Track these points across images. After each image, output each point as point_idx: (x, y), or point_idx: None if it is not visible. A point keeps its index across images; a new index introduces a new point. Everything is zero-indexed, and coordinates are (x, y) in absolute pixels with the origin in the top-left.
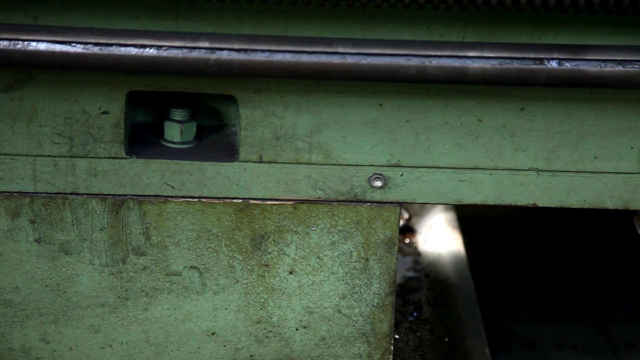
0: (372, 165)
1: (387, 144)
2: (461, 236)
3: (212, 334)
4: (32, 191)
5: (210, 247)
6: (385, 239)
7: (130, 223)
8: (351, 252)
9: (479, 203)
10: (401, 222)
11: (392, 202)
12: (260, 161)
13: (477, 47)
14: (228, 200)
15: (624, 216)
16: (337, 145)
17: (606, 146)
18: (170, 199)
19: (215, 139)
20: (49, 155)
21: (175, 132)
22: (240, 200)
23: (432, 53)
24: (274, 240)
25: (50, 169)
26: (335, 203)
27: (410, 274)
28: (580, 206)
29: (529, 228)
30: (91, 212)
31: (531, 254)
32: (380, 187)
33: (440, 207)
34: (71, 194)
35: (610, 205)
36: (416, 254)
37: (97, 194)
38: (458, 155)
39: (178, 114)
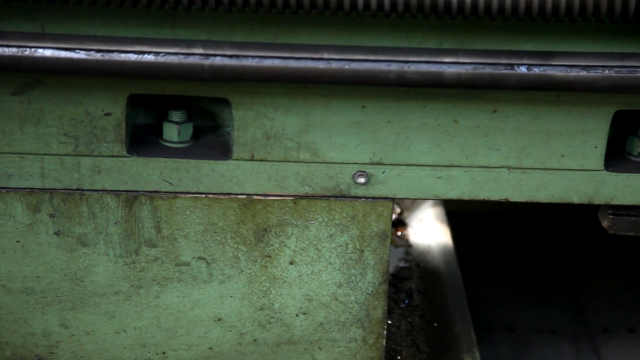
0: (356, 163)
1: (370, 143)
2: (449, 229)
3: (219, 319)
4: (41, 187)
5: (217, 240)
6: (379, 231)
7: (143, 217)
8: (347, 244)
9: (455, 198)
10: (394, 216)
11: (374, 197)
12: (252, 159)
13: (452, 54)
14: (233, 196)
15: (595, 211)
16: (324, 145)
17: (572, 145)
18: (179, 195)
19: (210, 139)
20: (55, 154)
21: (173, 132)
22: (244, 196)
23: (411, 59)
24: (275, 233)
25: (57, 167)
26: (332, 199)
27: (402, 264)
28: (548, 201)
29: (512, 222)
30: (106, 207)
31: (514, 245)
32: (364, 184)
33: (429, 202)
34: (77, 189)
35: (576, 200)
36: (407, 245)
37: (101, 190)
38: (436, 154)
39: (176, 116)
